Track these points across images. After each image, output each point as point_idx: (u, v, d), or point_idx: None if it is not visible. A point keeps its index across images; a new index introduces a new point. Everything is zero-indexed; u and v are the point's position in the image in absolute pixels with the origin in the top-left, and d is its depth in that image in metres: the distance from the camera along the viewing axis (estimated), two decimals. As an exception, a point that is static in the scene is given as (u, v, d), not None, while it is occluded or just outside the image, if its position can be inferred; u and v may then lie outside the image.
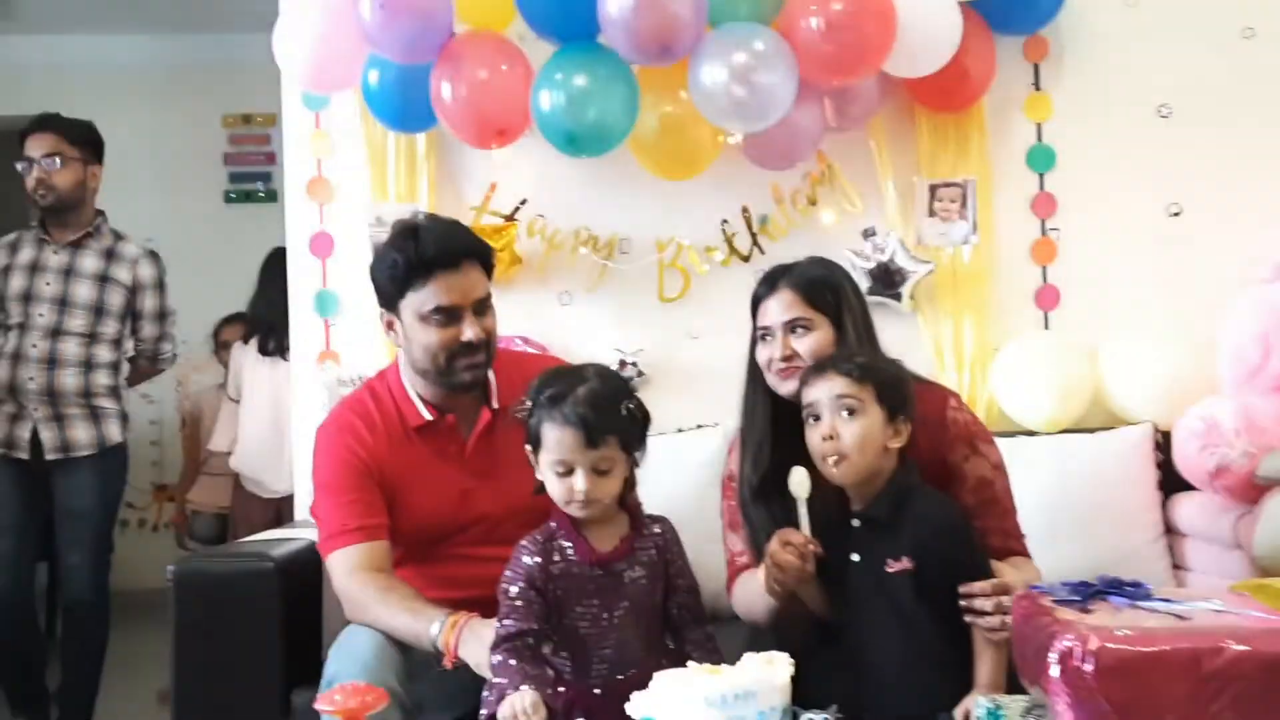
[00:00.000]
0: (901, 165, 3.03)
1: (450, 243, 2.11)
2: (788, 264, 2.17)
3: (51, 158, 3.47)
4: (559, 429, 1.74)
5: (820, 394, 1.86)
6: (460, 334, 2.09)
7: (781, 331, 2.08)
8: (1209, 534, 2.62)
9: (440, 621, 1.91)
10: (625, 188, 3.01)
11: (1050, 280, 3.06)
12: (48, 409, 3.44)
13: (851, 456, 1.83)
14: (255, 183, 6.04)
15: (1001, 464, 2.11)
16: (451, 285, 2.08)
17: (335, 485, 2.13)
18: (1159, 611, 1.07)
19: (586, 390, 1.75)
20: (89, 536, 3.52)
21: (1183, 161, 3.04)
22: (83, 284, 3.49)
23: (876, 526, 1.85)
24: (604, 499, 1.76)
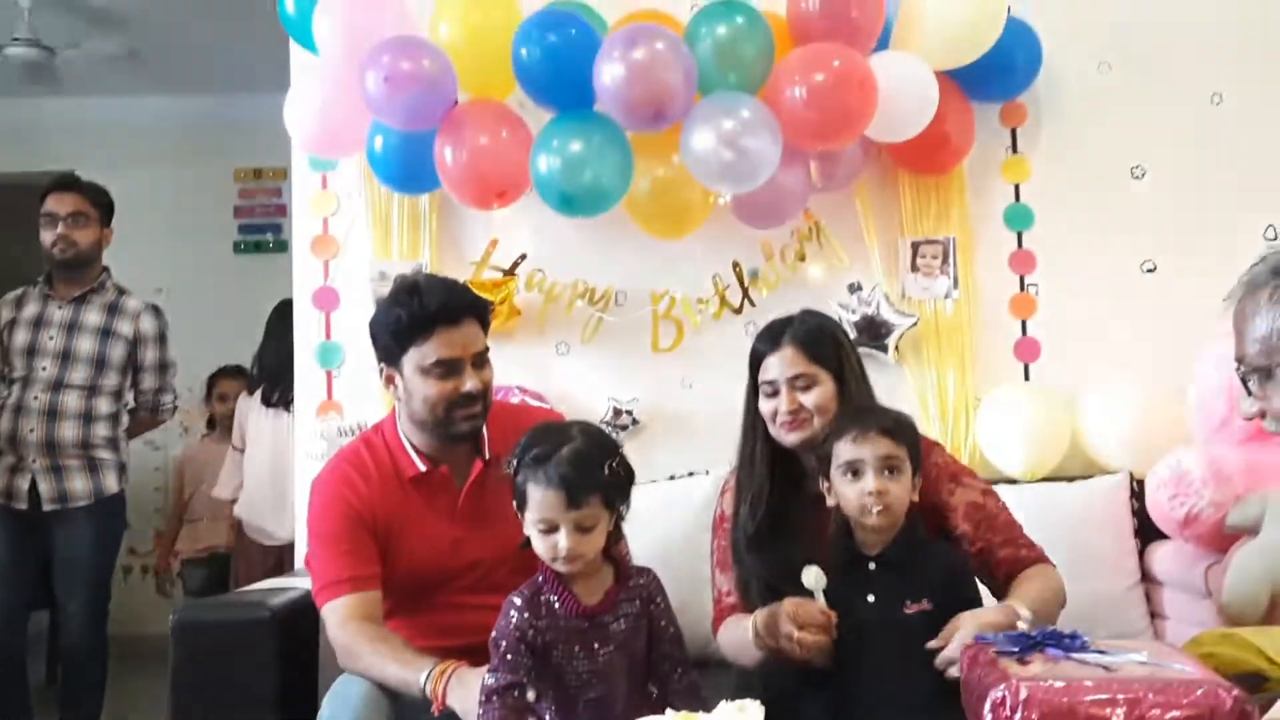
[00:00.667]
0: (885, 224, 3.14)
1: (451, 299, 2.19)
2: (786, 319, 2.24)
3: (76, 216, 3.61)
4: (542, 489, 1.78)
5: (865, 454, 1.94)
6: (460, 386, 2.16)
7: (787, 387, 2.15)
8: (1182, 582, 2.69)
9: (429, 670, 1.96)
10: (621, 243, 3.11)
11: (1030, 333, 3.16)
12: (46, 460, 3.52)
13: (893, 510, 1.93)
14: (265, 233, 6.16)
15: (989, 489, 2.18)
16: (453, 339, 2.15)
17: (330, 536, 2.18)
18: (1089, 663, 1.16)
19: (570, 450, 1.78)
20: (86, 584, 3.57)
21: (1155, 220, 3.14)
22: (85, 338, 3.59)
23: (893, 569, 1.93)
24: (587, 555, 1.80)
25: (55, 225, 3.60)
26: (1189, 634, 2.45)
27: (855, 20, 2.79)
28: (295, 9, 2.95)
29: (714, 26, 2.75)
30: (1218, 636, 2.22)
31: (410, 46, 2.75)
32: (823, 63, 2.73)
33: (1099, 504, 2.86)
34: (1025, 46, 3.03)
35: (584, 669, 1.82)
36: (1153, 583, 2.83)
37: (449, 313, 2.16)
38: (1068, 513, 2.80)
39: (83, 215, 3.64)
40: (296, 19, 2.95)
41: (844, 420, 2.03)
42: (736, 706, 1.52)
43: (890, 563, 1.95)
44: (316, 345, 3.22)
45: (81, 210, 3.64)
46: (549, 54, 2.73)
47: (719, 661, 2.23)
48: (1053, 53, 3.09)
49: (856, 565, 1.96)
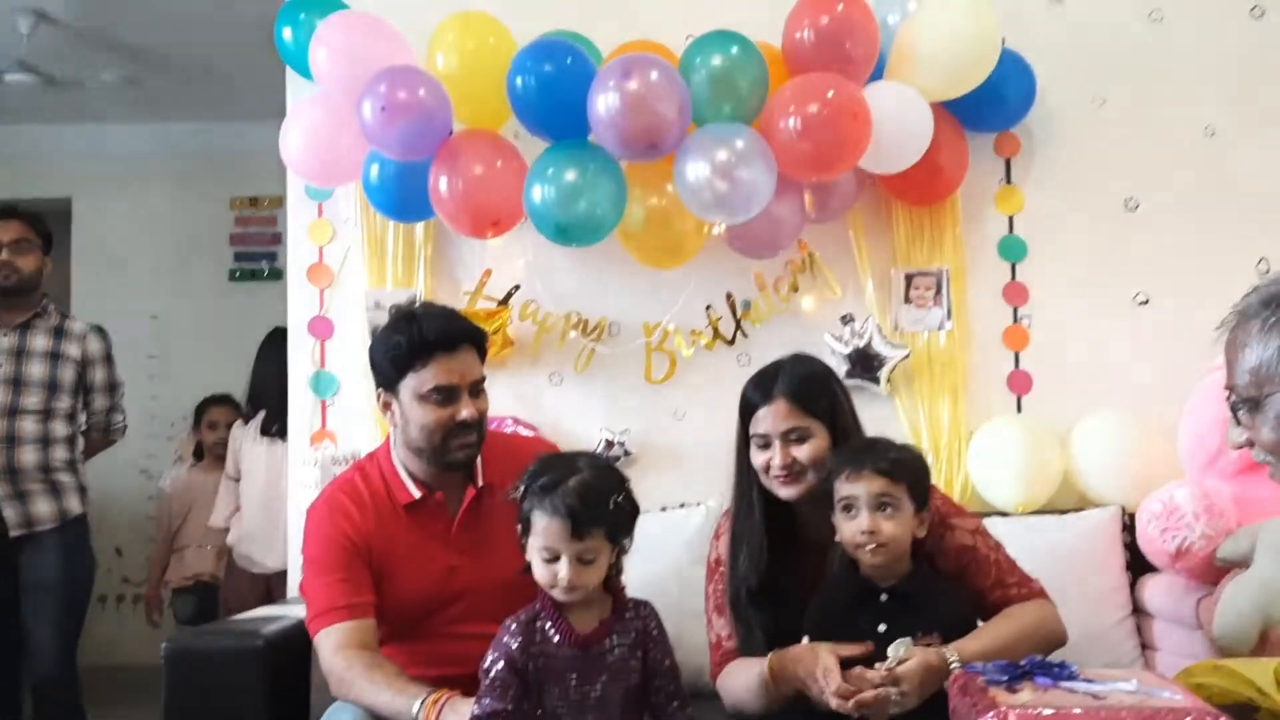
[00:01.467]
0: (879, 255, 3.15)
1: (449, 326, 2.21)
2: (775, 366, 2.20)
3: (19, 243, 3.60)
4: (547, 518, 1.80)
5: (859, 491, 1.94)
6: (456, 414, 2.17)
7: (780, 441, 2.12)
8: (1173, 614, 2.69)
9: (422, 698, 1.95)
10: (614, 274, 3.12)
11: (1022, 365, 3.16)
12: (8, 486, 3.47)
13: (890, 547, 1.93)
14: (260, 261, 6.17)
15: (980, 528, 2.16)
16: (450, 367, 2.16)
17: (324, 564, 2.19)
18: (1078, 692, 1.15)
19: (577, 482, 1.81)
20: (55, 610, 3.51)
21: (1149, 252, 3.16)
22: (35, 362, 3.56)
23: (905, 601, 1.93)
24: (586, 587, 1.81)
25: (1, 251, 3.58)
26: (1180, 665, 2.44)
27: (850, 51, 2.81)
28: (292, 38, 2.97)
29: (709, 57, 2.76)
30: (1209, 667, 2.21)
31: (406, 76, 2.76)
32: (817, 93, 2.75)
33: (1091, 537, 2.85)
34: (1020, 78, 3.04)
35: (576, 698, 1.81)
36: (1144, 615, 2.82)
37: (447, 340, 2.17)
38: (1059, 546, 2.80)
39: (26, 242, 3.62)
40: (294, 48, 2.97)
41: (842, 457, 2.02)
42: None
43: (903, 595, 1.94)
44: (311, 374, 3.22)
45: (25, 237, 3.62)
46: (544, 84, 2.75)
47: (712, 695, 2.21)
48: (1047, 84, 3.11)
49: (868, 596, 1.96)
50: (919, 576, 1.98)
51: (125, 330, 5.71)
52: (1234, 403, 1.55)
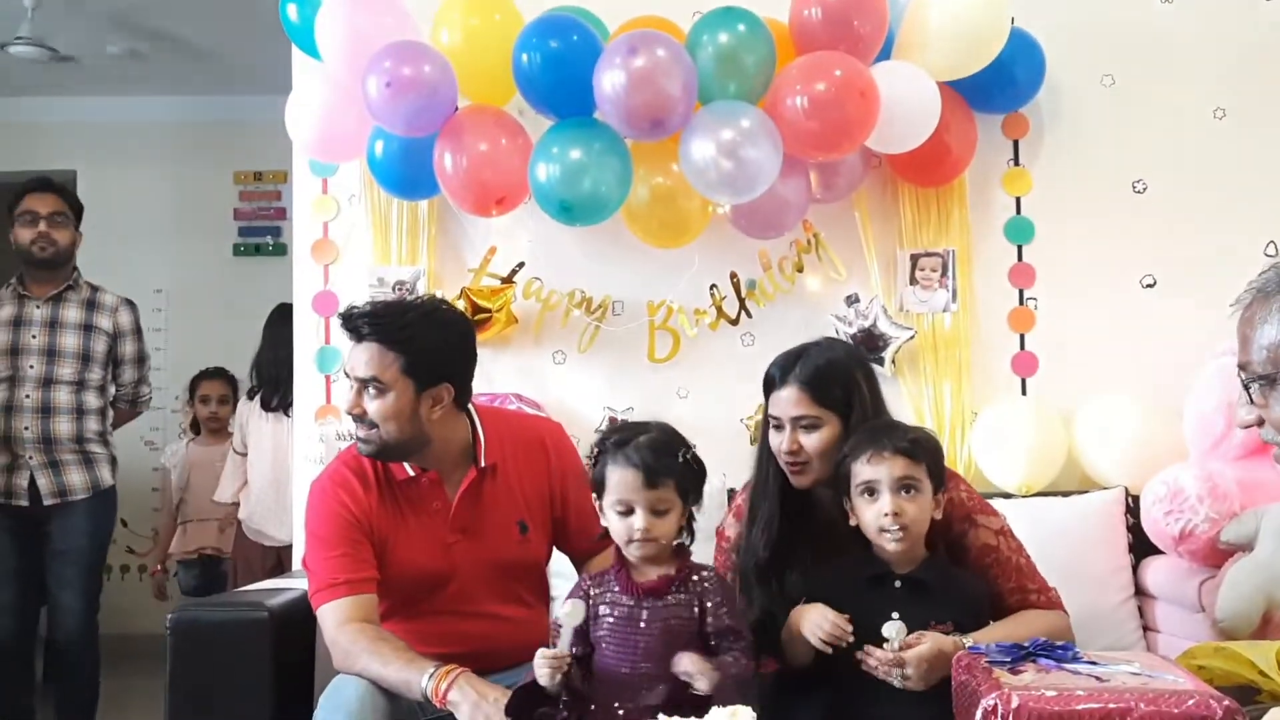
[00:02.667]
0: (884, 235, 3.14)
1: (350, 316, 2.20)
2: (800, 350, 2.16)
3: (56, 216, 3.68)
4: (621, 469, 1.85)
5: (881, 474, 1.93)
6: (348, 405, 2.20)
7: (790, 426, 2.11)
8: (1176, 597, 2.69)
9: (432, 670, 1.97)
10: (618, 253, 3.12)
11: (1028, 347, 3.15)
12: (43, 456, 3.56)
13: (911, 530, 1.92)
14: (264, 236, 6.16)
15: (1004, 529, 2.15)
16: (351, 357, 2.20)
17: (327, 539, 2.20)
18: (1081, 673, 1.15)
19: (648, 438, 1.88)
20: (81, 576, 3.62)
21: (1156, 235, 3.15)
22: (68, 334, 3.64)
23: (919, 588, 1.93)
24: (661, 538, 1.85)
25: (36, 224, 3.66)
26: (1182, 647, 2.45)
27: (858, 29, 2.80)
28: (298, 14, 2.95)
29: (715, 34, 2.75)
30: (1210, 650, 2.22)
31: (411, 52, 2.75)
32: (824, 72, 2.73)
33: (1094, 519, 2.85)
34: (1029, 58, 3.03)
35: (621, 635, 1.85)
36: (1146, 597, 2.83)
37: (350, 328, 2.18)
38: (1063, 527, 2.80)
39: (62, 215, 3.71)
40: (299, 24, 2.96)
41: (861, 439, 2.00)
42: (729, 712, 1.52)
43: (917, 582, 1.94)
44: (315, 350, 3.22)
45: (61, 210, 3.71)
46: (549, 60, 2.73)
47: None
48: (1056, 65, 3.09)
49: (882, 582, 1.95)
50: (934, 565, 1.97)
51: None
52: (1246, 380, 1.54)
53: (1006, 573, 2.08)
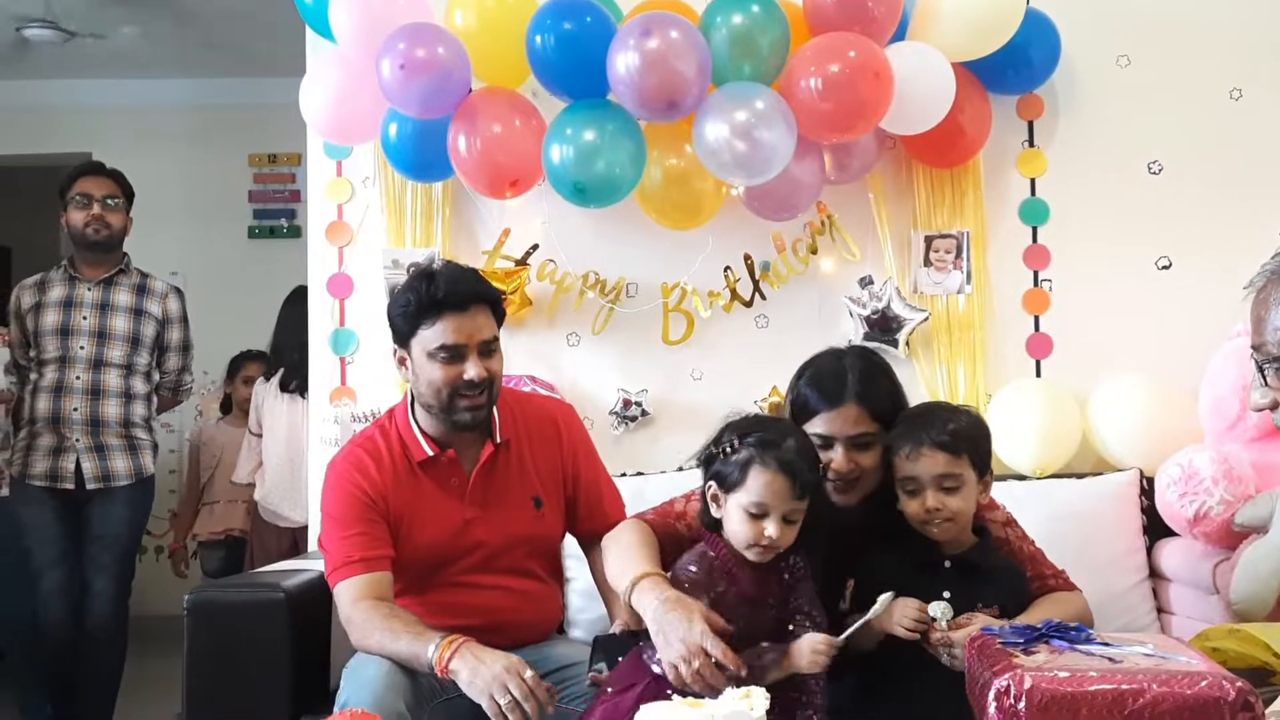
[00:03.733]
0: (899, 217, 3.13)
1: (460, 286, 2.23)
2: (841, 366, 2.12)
3: (111, 199, 3.72)
4: (770, 474, 1.80)
5: (922, 471, 1.92)
6: (463, 372, 2.19)
7: (844, 445, 2.06)
8: (1190, 579, 2.69)
9: (436, 642, 2.01)
10: (632, 235, 3.11)
11: (1042, 329, 3.15)
12: (90, 439, 3.60)
13: (956, 521, 1.92)
14: (279, 219, 6.18)
15: (1010, 519, 2.17)
16: (459, 326, 2.19)
17: (342, 519, 2.23)
18: (1094, 655, 1.16)
19: (797, 443, 1.84)
20: (116, 562, 3.66)
21: (1172, 216, 3.13)
22: (119, 317, 3.68)
23: (969, 571, 1.93)
24: (784, 546, 1.84)
25: (90, 206, 3.70)
26: (1195, 629, 2.46)
27: (872, 10, 2.78)
28: (312, -5, 2.95)
29: (730, 15, 2.74)
30: (1224, 632, 2.22)
31: (425, 34, 2.75)
32: (838, 53, 2.72)
33: (1108, 501, 2.85)
34: (1044, 39, 3.01)
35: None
36: (1160, 579, 2.83)
37: (456, 299, 2.20)
38: (1077, 509, 2.80)
39: (116, 199, 3.75)
40: (313, 6, 2.96)
41: (902, 431, 1.98)
42: (742, 693, 1.53)
43: (966, 565, 1.94)
44: (330, 332, 3.23)
45: (115, 194, 3.75)
46: (563, 42, 2.73)
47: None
48: (1071, 45, 3.07)
49: (932, 563, 1.95)
50: (984, 548, 1.97)
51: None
52: (1260, 362, 1.53)
53: (1021, 562, 2.09)
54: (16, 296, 3.74)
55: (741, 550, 1.86)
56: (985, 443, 2.01)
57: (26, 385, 3.66)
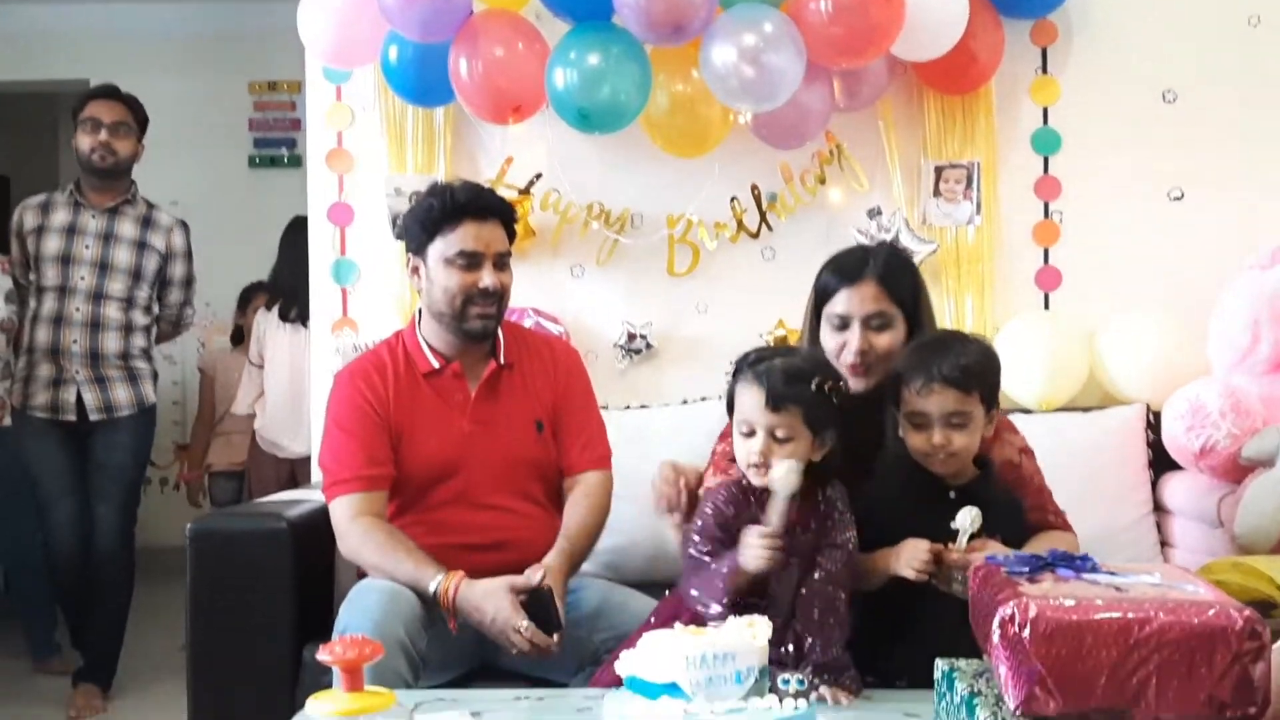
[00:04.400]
0: (908, 146, 3.08)
1: (480, 196, 2.32)
2: (865, 249, 2.18)
3: (119, 125, 3.65)
4: (747, 388, 1.82)
5: (931, 408, 1.88)
6: (479, 280, 2.25)
7: (860, 325, 2.07)
8: (1195, 512, 2.68)
9: (439, 579, 2.07)
10: (638, 164, 3.06)
11: (1052, 262, 3.10)
12: (90, 371, 3.58)
13: (960, 456, 1.90)
14: (280, 148, 6.11)
15: (1027, 448, 2.16)
16: (477, 234, 2.26)
17: (344, 428, 2.27)
18: (1100, 584, 1.14)
19: (784, 361, 1.83)
20: (120, 491, 3.68)
21: (1186, 146, 3.07)
22: (122, 249, 3.64)
23: (974, 501, 1.89)
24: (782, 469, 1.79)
25: (98, 131, 3.63)
26: (1199, 563, 2.46)
27: (884, -69, 2.71)
28: (310, -85, 2.88)
29: (738, -65, 2.68)
30: (1228, 565, 2.23)
31: (426, -46, 2.69)
32: (849, -25, 2.66)
33: (1114, 435, 2.84)
34: (1059, -38, 2.94)
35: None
36: (1164, 513, 2.82)
37: (477, 207, 2.28)
38: (1082, 443, 2.79)
39: (125, 125, 3.68)
40: (311, -75, 2.89)
41: (911, 361, 1.94)
42: (746, 622, 1.52)
43: (972, 495, 1.91)
44: (331, 262, 3.19)
45: (125, 120, 3.68)
46: (568, -37, 2.67)
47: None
48: (1086, -32, 3.00)
49: (936, 493, 1.93)
50: (988, 480, 1.95)
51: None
52: None
53: (1027, 491, 2.08)
54: (19, 215, 3.70)
55: (747, 475, 1.84)
56: (995, 376, 1.98)
57: (26, 311, 3.63)
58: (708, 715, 1.41)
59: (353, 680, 1.20)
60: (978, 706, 1.12)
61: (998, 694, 1.16)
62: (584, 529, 2.28)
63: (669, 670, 1.44)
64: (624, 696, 1.49)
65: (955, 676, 1.24)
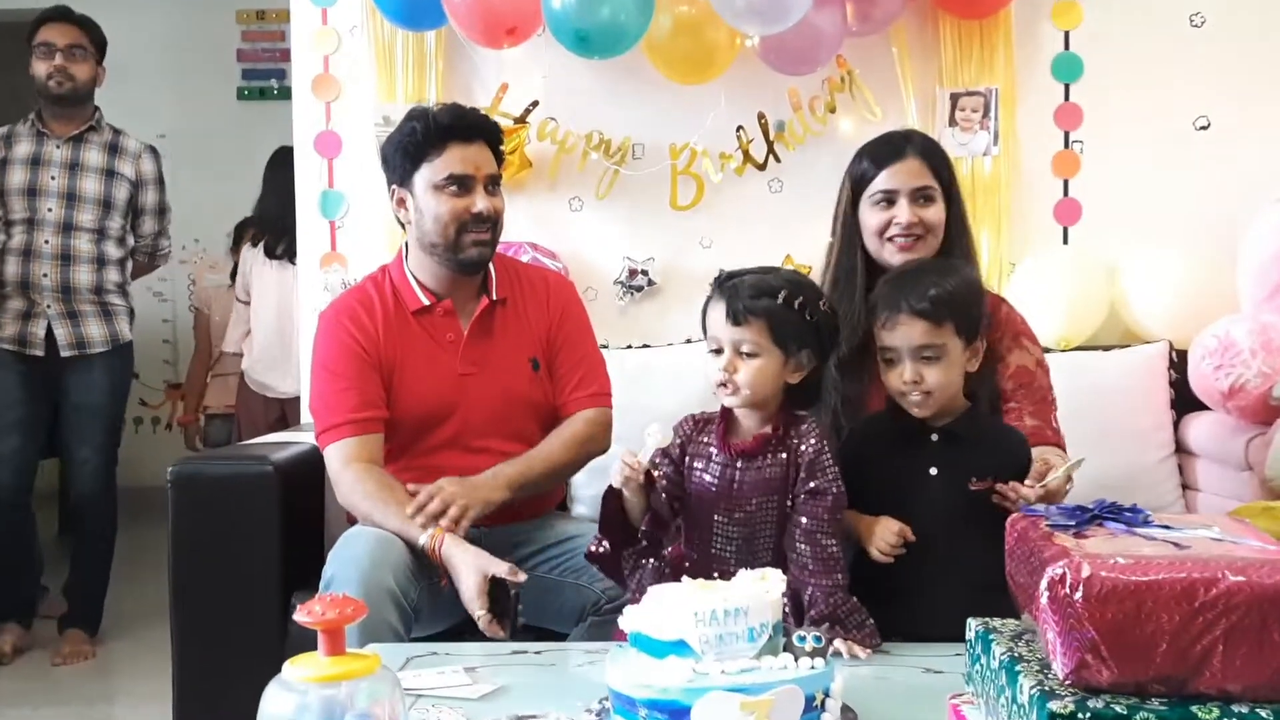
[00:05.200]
0: (923, 72, 2.96)
1: (467, 116, 2.18)
2: (902, 133, 2.20)
3: (74, 49, 3.50)
4: (714, 304, 1.75)
5: (898, 342, 1.78)
6: (472, 205, 2.13)
7: (908, 200, 2.07)
8: (1220, 455, 2.59)
9: (429, 533, 1.96)
10: (639, 91, 2.96)
11: (1072, 194, 3.00)
12: (61, 305, 3.46)
13: (935, 395, 1.79)
14: (269, 79, 5.95)
15: (1043, 362, 2.12)
16: (465, 156, 2.13)
17: (334, 371, 2.16)
18: (1156, 539, 1.04)
19: (753, 277, 1.75)
20: (99, 432, 3.57)
21: (1213, 73, 2.96)
22: (89, 178, 3.50)
23: (956, 442, 1.81)
24: (742, 386, 1.72)
25: (52, 56, 3.48)
26: (1223, 506, 2.39)
27: None
28: None
29: None
30: (1259, 509, 2.15)
31: None
32: (863, -111, 2.52)
33: (1136, 374, 2.74)
34: (1083, -123, 2.80)
35: (723, 519, 1.76)
36: (1187, 455, 2.73)
37: (462, 128, 2.16)
38: (1102, 382, 2.70)
39: (80, 48, 3.53)
40: None
41: (882, 291, 1.85)
42: (759, 575, 1.42)
43: (954, 436, 1.81)
44: (319, 194, 3.08)
45: (79, 43, 3.53)
46: (565, -126, 2.53)
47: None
48: (1112, -115, 2.86)
49: (918, 436, 1.82)
50: (973, 417, 1.84)
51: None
52: None
53: (1033, 401, 2.05)
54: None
55: (717, 396, 1.77)
56: (976, 307, 1.85)
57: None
58: (718, 675, 1.31)
59: (334, 642, 1.10)
60: (1020, 674, 1.02)
61: (1042, 659, 1.05)
62: (547, 459, 2.17)
63: (677, 627, 1.34)
64: (628, 654, 1.39)
65: (992, 639, 1.14)
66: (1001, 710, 1.07)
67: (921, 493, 1.79)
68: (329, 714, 1.08)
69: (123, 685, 3.43)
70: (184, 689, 2.29)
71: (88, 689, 3.37)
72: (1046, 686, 0.98)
